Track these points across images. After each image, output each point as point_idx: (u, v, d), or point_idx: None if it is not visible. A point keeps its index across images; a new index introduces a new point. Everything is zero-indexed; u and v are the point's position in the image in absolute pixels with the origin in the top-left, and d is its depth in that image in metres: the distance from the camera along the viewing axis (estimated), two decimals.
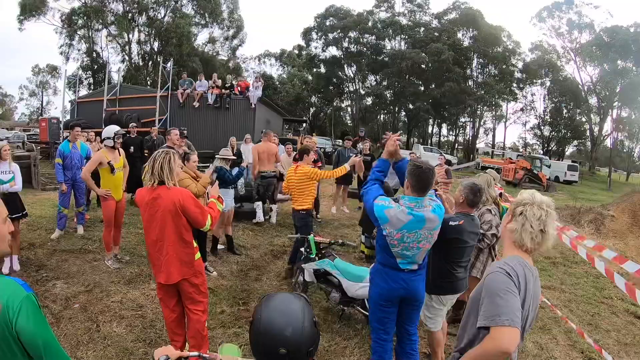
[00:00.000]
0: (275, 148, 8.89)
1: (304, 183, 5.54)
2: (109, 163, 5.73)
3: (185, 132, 10.53)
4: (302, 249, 4.89)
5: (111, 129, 6.01)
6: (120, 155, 6.10)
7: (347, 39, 43.86)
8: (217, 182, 3.89)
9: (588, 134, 45.93)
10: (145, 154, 9.37)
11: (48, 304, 4.49)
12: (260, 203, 8.57)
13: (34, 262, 5.62)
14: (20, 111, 67.74)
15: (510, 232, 1.88)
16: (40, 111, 57.74)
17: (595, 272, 7.47)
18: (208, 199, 5.18)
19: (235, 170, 6.13)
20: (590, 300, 5.94)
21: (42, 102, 59.96)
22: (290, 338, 1.21)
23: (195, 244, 3.31)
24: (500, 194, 5.67)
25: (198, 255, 3.32)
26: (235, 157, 6.55)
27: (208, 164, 6.32)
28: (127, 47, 40.79)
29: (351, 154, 9.97)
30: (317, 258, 4.71)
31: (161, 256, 3.16)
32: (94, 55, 41.14)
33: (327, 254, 4.80)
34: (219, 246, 6.65)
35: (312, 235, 4.87)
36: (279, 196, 10.29)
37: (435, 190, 3.28)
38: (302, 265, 4.77)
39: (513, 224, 1.86)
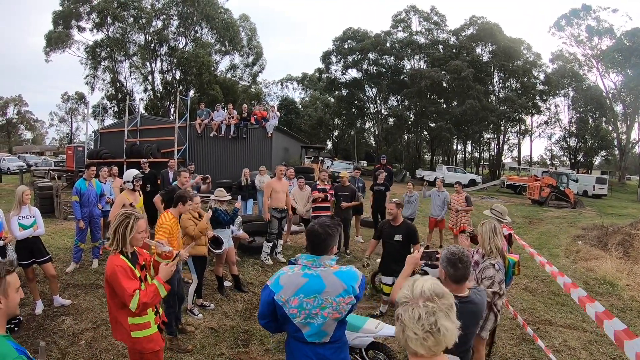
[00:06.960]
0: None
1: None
2: (130, 204, 6.18)
3: (192, 167, 10.72)
4: None
5: (130, 174, 6.66)
6: (140, 196, 6.82)
7: (366, 61, 43.92)
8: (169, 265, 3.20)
9: (616, 142, 44.56)
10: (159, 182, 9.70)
11: (56, 339, 4.71)
12: (267, 243, 8.13)
13: (48, 296, 5.82)
14: (50, 136, 71.32)
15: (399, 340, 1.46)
16: (70, 137, 60.50)
17: (621, 306, 6.90)
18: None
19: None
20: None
21: (71, 128, 63.21)
22: None
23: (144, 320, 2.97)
24: (510, 236, 5.23)
25: (145, 332, 2.97)
26: (230, 198, 6.51)
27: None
28: (149, 77, 42.21)
29: (360, 183, 9.96)
30: None
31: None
32: (118, 85, 42.63)
33: None
34: (226, 283, 6.62)
35: None
36: (293, 227, 10.28)
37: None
38: None
39: (396, 331, 1.46)
